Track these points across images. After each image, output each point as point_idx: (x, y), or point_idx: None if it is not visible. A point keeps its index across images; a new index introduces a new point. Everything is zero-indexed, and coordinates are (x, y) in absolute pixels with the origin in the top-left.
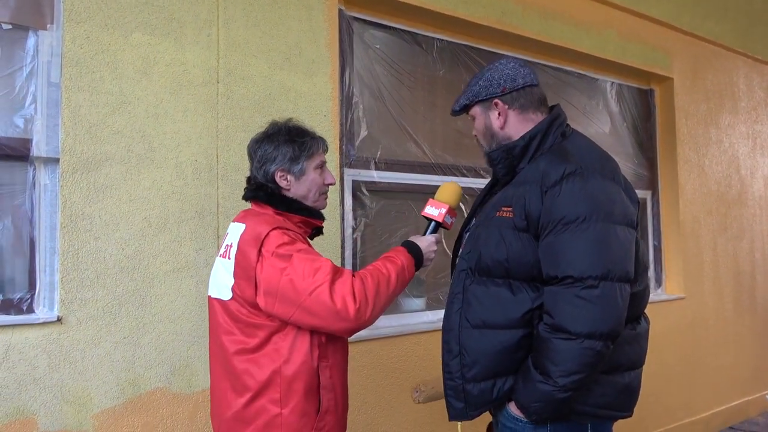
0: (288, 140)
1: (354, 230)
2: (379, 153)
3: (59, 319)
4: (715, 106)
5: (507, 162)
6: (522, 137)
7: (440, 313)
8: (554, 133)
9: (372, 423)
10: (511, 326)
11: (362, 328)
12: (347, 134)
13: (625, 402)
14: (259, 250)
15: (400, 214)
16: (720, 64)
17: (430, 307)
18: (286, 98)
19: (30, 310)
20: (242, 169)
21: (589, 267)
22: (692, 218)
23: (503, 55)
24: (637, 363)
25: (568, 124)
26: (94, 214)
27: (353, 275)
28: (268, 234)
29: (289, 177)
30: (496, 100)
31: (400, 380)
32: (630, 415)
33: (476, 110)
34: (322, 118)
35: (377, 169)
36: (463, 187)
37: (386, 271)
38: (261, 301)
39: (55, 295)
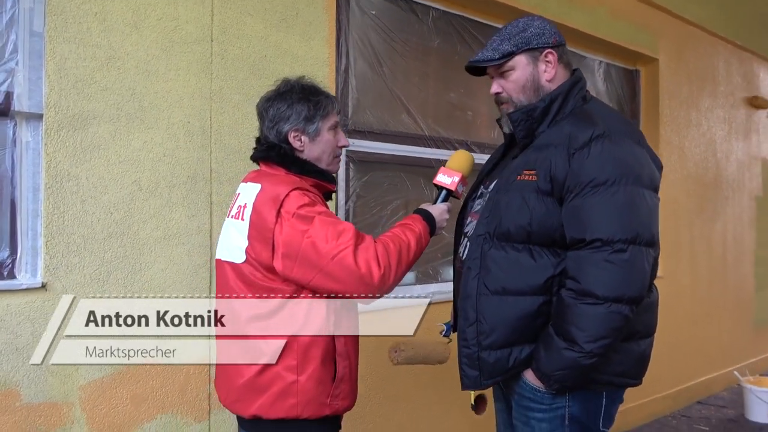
0: (302, 98)
1: (347, 201)
2: (373, 123)
3: (43, 286)
4: (696, 89)
5: (527, 124)
6: (542, 99)
7: (429, 287)
8: (575, 96)
9: (372, 391)
10: (533, 293)
11: (383, 294)
12: (342, 103)
13: (640, 370)
14: (278, 211)
15: (392, 186)
16: (702, 48)
17: (419, 281)
18: (282, 61)
19: (11, 275)
20: (236, 133)
21: (618, 230)
22: (672, 199)
23: (498, 28)
24: (651, 331)
25: (587, 90)
26: (80, 175)
27: (375, 241)
28: (288, 194)
29: (303, 137)
30: (550, 51)
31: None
32: (640, 383)
33: (521, 60)
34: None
35: (371, 139)
36: None
37: (406, 238)
38: (278, 264)
39: (38, 260)
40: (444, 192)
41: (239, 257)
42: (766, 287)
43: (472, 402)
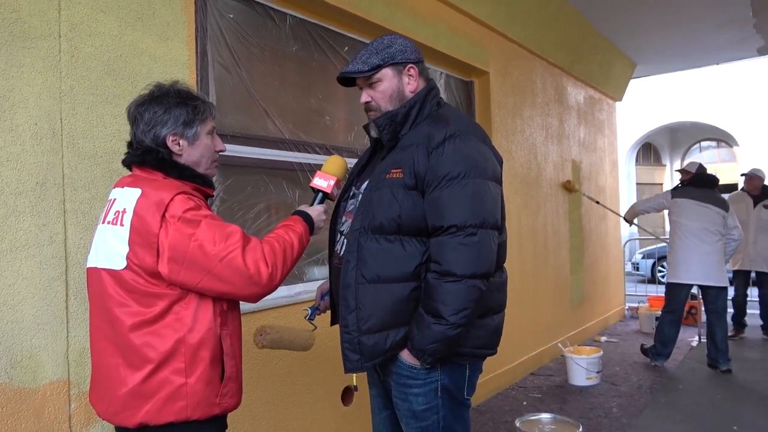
0: (180, 103)
1: (210, 205)
2: (234, 127)
3: None
4: (520, 99)
5: (392, 128)
6: (403, 105)
7: (295, 288)
8: (431, 101)
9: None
10: (404, 279)
11: (270, 293)
12: None
13: (495, 340)
14: (163, 216)
15: (256, 189)
16: (524, 64)
17: (285, 282)
18: (139, 61)
19: None
20: (91, 136)
21: (469, 217)
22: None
23: (351, 38)
24: (503, 307)
25: (441, 96)
26: None
27: (261, 241)
28: (173, 198)
29: (181, 142)
30: (412, 65)
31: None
32: (496, 353)
33: (387, 72)
34: None
35: (233, 143)
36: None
37: (289, 238)
38: (164, 268)
39: None
40: (320, 194)
41: (119, 264)
42: (578, 270)
43: (354, 384)
